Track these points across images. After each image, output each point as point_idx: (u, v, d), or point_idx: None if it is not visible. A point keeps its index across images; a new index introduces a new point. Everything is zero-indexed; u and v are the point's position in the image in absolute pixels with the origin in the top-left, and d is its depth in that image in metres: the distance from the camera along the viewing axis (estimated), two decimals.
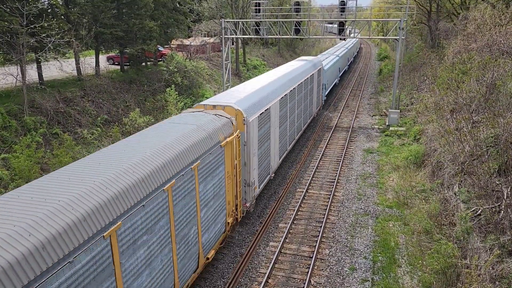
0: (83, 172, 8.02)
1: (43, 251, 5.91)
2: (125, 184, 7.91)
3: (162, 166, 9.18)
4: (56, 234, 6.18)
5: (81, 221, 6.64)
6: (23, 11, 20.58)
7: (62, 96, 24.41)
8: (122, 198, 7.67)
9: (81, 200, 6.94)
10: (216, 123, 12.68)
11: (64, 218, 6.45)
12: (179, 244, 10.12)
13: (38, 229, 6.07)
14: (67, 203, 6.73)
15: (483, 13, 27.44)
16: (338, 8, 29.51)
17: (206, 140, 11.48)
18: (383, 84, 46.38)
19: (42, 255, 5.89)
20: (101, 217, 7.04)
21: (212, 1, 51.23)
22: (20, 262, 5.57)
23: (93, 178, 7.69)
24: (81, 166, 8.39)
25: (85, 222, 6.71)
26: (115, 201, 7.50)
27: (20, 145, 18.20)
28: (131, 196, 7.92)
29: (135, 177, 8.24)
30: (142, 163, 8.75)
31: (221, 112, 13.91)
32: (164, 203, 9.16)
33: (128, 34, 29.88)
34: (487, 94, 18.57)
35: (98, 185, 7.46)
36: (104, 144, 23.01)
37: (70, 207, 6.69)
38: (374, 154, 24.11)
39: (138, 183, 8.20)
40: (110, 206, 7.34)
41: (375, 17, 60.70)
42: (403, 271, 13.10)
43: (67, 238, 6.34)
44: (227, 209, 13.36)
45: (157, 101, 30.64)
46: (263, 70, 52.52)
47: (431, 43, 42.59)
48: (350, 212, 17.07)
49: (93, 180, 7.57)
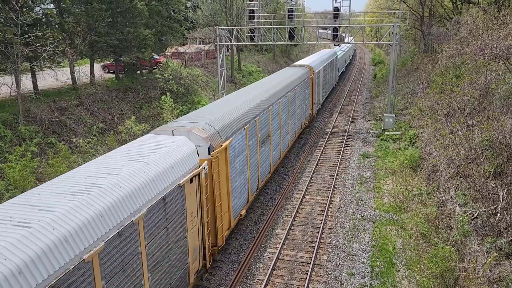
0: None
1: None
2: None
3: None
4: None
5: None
6: (17, 21, 20.57)
7: (57, 105, 24.35)
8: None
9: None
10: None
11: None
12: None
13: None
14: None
15: (475, 17, 27.75)
16: (332, 14, 29.72)
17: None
18: (377, 89, 46.62)
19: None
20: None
21: (206, 9, 51.44)
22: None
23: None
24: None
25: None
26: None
27: (15, 155, 18.10)
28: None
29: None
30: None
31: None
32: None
33: (123, 42, 29.91)
34: (481, 98, 18.72)
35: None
36: (100, 153, 22.93)
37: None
38: (370, 158, 24.17)
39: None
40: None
41: (368, 22, 61.13)
42: (401, 276, 13.08)
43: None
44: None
45: (152, 109, 30.62)
46: (258, 76, 52.67)
47: (424, 47, 42.92)
48: (347, 217, 17.06)
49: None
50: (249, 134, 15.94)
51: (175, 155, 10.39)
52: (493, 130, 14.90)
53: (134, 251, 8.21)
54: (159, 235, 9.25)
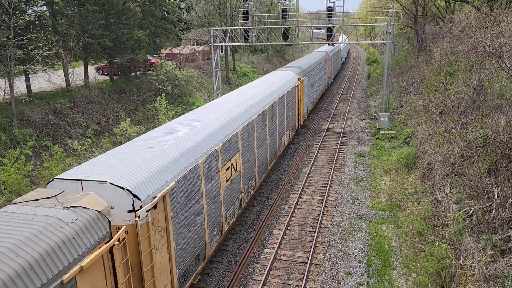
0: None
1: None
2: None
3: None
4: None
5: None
6: (10, 23, 20.46)
7: (51, 108, 24.23)
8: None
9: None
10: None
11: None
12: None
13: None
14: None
15: (468, 15, 27.93)
16: (326, 14, 29.79)
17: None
18: (372, 88, 46.77)
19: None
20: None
21: (200, 10, 51.40)
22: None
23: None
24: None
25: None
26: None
27: (9, 159, 17.99)
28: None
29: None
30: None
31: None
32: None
33: (117, 44, 29.82)
34: (474, 96, 18.83)
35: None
36: (95, 155, 22.84)
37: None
38: (366, 157, 24.24)
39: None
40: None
41: (362, 22, 61.31)
42: (398, 274, 13.13)
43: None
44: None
45: (147, 111, 30.56)
46: (253, 76, 52.70)
47: (418, 46, 43.14)
48: (344, 216, 17.10)
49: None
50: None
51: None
52: (487, 128, 15.00)
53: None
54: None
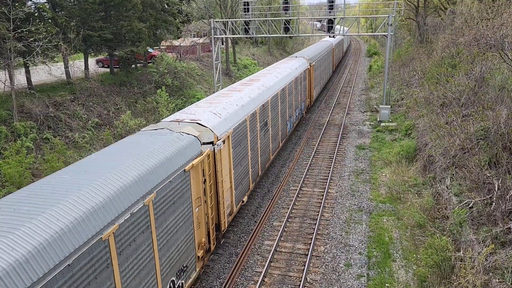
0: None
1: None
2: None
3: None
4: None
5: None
6: (9, 15, 20.34)
7: (52, 100, 24.19)
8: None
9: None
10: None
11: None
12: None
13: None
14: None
15: (470, 7, 27.72)
16: (327, 5, 29.60)
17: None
18: (373, 80, 46.61)
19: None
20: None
21: (200, 2, 51.09)
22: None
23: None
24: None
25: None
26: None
27: (10, 151, 18.00)
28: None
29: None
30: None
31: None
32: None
33: (117, 36, 29.69)
34: (476, 88, 18.76)
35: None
36: (96, 148, 22.85)
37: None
38: (366, 150, 24.23)
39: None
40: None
41: (363, 13, 60.93)
42: (398, 266, 13.20)
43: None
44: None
45: (148, 103, 30.50)
46: (253, 69, 52.50)
47: (419, 38, 42.90)
48: (344, 209, 17.15)
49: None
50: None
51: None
52: (488, 120, 14.97)
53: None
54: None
